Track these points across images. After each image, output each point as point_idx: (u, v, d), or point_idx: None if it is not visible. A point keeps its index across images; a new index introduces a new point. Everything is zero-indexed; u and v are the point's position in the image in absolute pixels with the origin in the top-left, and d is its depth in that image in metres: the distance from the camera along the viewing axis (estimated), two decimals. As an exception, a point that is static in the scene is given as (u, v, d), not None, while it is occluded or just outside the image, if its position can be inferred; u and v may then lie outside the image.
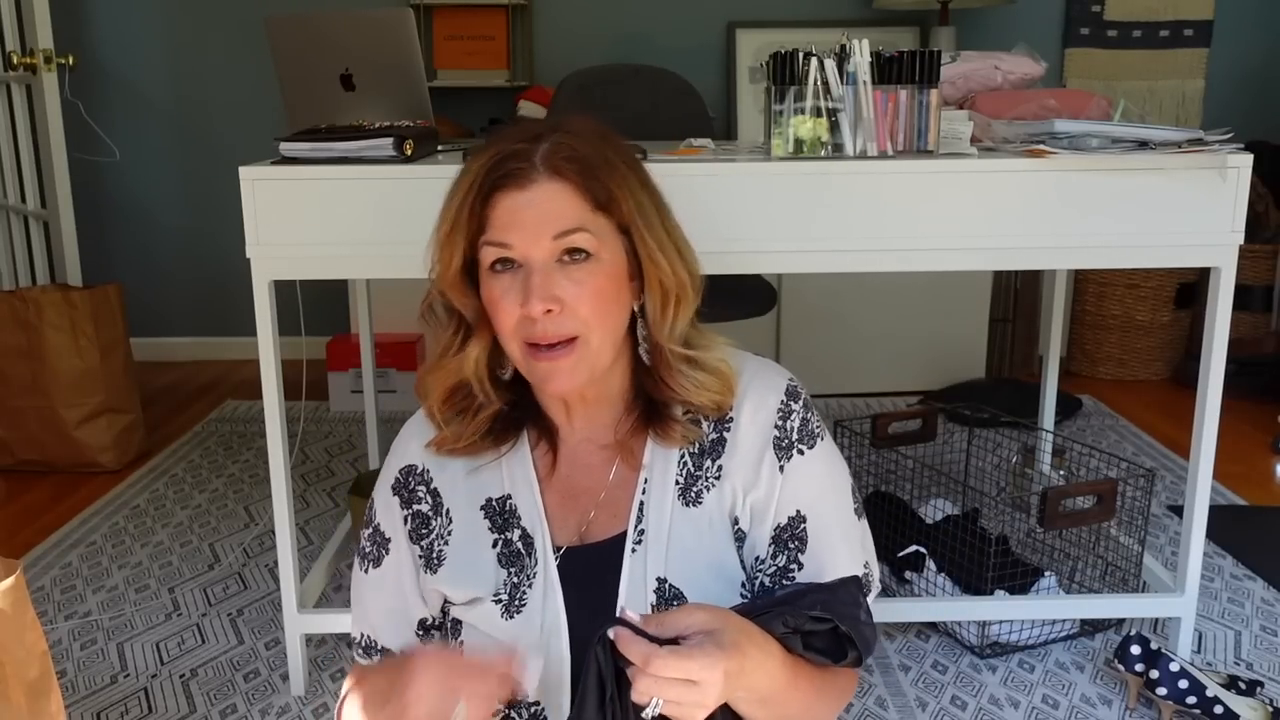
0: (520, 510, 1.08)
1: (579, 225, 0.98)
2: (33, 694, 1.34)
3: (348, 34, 1.96)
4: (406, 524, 1.12)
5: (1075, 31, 3.92)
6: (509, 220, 0.98)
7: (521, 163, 0.98)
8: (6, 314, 2.87)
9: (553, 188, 0.98)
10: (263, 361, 1.76)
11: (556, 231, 0.97)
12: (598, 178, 0.99)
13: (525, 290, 0.97)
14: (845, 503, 1.10)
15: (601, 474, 1.09)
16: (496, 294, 1.00)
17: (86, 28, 3.89)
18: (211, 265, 4.05)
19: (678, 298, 1.03)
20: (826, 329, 3.55)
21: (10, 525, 2.66)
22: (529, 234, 0.98)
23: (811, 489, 1.07)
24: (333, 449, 3.18)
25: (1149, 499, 2.18)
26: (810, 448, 1.07)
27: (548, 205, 0.98)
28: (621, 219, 1.01)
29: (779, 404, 1.07)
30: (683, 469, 1.06)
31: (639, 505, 1.06)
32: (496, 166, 0.99)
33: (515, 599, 1.04)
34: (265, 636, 2.11)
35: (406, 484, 1.12)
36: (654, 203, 1.04)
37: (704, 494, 1.06)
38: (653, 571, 1.03)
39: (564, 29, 3.89)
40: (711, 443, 1.07)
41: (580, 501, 1.09)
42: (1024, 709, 1.87)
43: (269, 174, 1.69)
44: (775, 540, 1.06)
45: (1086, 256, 1.78)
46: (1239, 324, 3.51)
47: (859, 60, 1.68)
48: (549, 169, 0.98)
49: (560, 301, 0.97)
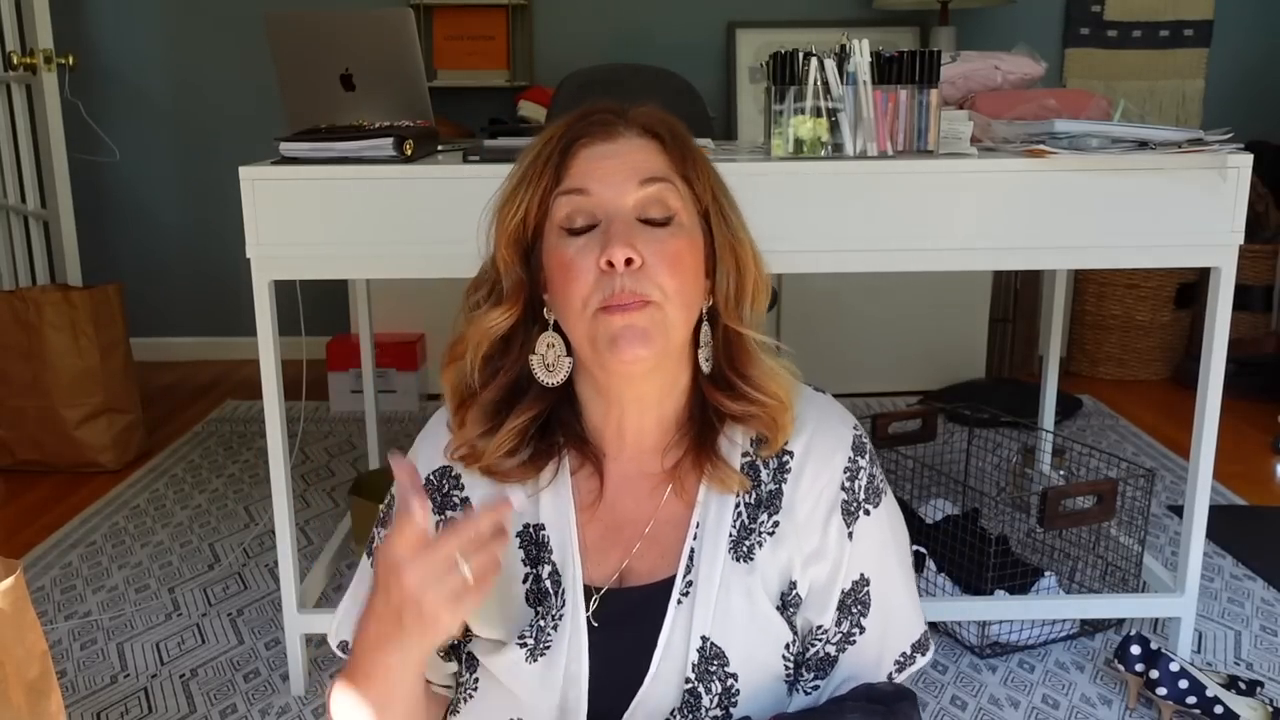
0: (553, 543, 0.97)
1: (665, 176, 0.92)
2: (33, 694, 1.34)
3: (348, 34, 1.96)
4: (437, 530, 1.03)
5: (1075, 31, 3.92)
6: (590, 168, 0.91)
7: (609, 116, 0.93)
8: (6, 314, 2.87)
9: (641, 142, 0.93)
10: (263, 361, 1.76)
11: (642, 177, 0.91)
12: (686, 144, 0.95)
13: (605, 239, 0.88)
14: (906, 559, 1.03)
15: (649, 505, 0.99)
16: (569, 253, 0.90)
17: (87, 28, 3.89)
18: (211, 265, 4.05)
19: (756, 285, 0.96)
20: (826, 329, 3.55)
21: (10, 525, 2.66)
22: (612, 182, 0.90)
23: (876, 550, 0.99)
24: (333, 449, 3.18)
25: (1149, 499, 2.18)
26: (875, 506, 0.99)
27: (634, 155, 0.92)
28: (703, 193, 0.95)
29: (845, 463, 0.98)
30: (737, 519, 0.96)
31: (690, 552, 0.96)
32: (581, 118, 0.93)
33: (540, 642, 0.94)
34: (265, 636, 2.11)
35: (440, 486, 1.01)
36: (729, 195, 0.98)
37: (755, 550, 0.96)
38: (698, 628, 0.94)
39: (564, 29, 3.89)
40: (769, 494, 0.97)
41: (624, 534, 0.98)
42: (1024, 709, 1.87)
43: (269, 174, 1.69)
44: (839, 606, 0.98)
45: (1086, 256, 1.78)
46: (1239, 324, 3.51)
47: (859, 60, 1.68)
48: (637, 125, 0.94)
49: (641, 255, 0.88)
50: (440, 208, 1.68)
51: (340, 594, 2.24)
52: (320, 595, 2.11)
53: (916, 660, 1.04)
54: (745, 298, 0.96)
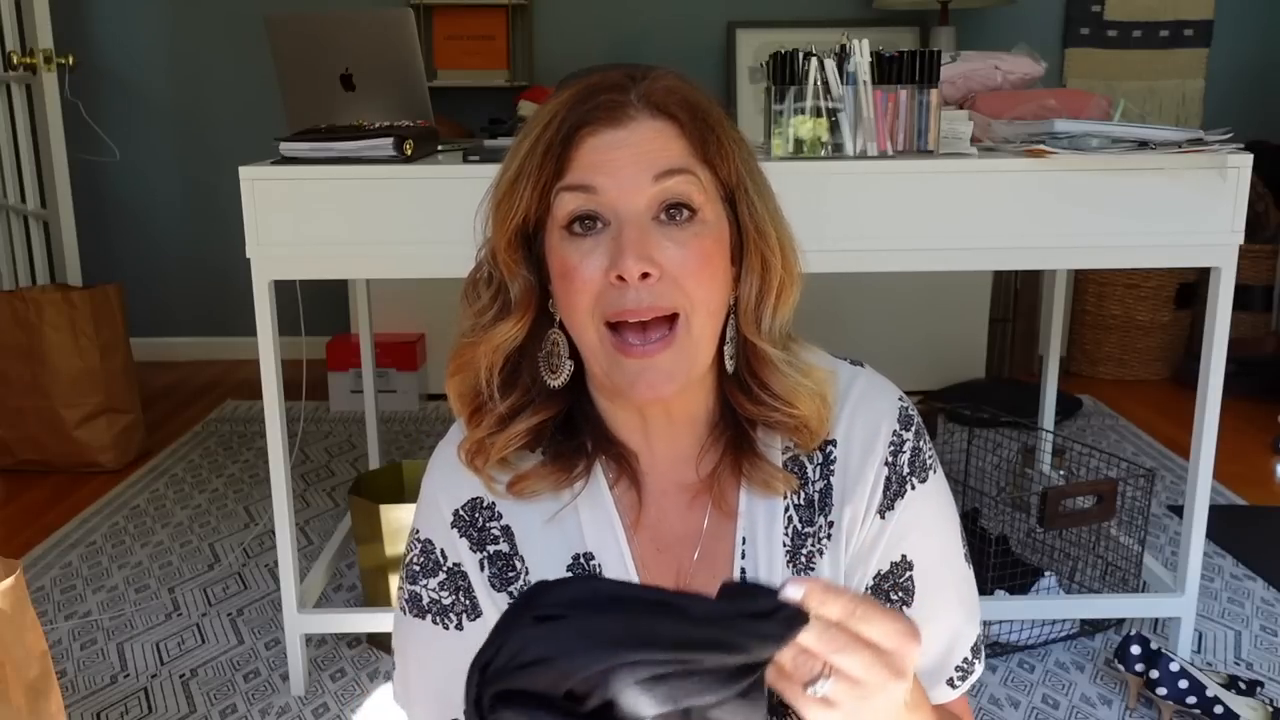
0: (606, 573, 0.86)
1: (683, 166, 0.78)
2: (33, 694, 1.34)
3: (348, 34, 1.96)
4: (484, 569, 0.88)
5: (1075, 31, 3.92)
6: (597, 160, 0.78)
7: (616, 96, 0.79)
8: (7, 314, 2.87)
9: (655, 125, 0.79)
10: (263, 361, 1.76)
11: (658, 171, 0.78)
12: (707, 122, 0.80)
13: (615, 248, 0.76)
14: (956, 547, 0.91)
15: (693, 517, 0.88)
16: (573, 259, 0.78)
17: (87, 28, 3.89)
18: (211, 265, 4.05)
19: (782, 284, 0.83)
20: (826, 329, 3.53)
21: (10, 525, 2.66)
22: (623, 176, 0.77)
23: (920, 530, 0.88)
24: (333, 449, 3.18)
25: (1149, 499, 2.18)
26: (922, 481, 0.88)
27: (647, 144, 0.78)
28: (728, 178, 0.82)
29: (890, 435, 0.87)
30: (789, 525, 0.86)
31: (741, 573, 0.86)
32: (584, 99, 0.79)
33: None
34: (265, 636, 2.11)
35: (474, 521, 0.88)
36: (760, 173, 0.84)
37: (816, 557, 0.86)
38: None
39: (564, 29, 3.89)
40: (820, 493, 0.87)
41: (674, 553, 0.88)
42: (1024, 709, 1.87)
43: (269, 174, 1.69)
44: (875, 590, 0.87)
45: (1086, 256, 1.78)
46: (1239, 324, 3.50)
47: (859, 60, 1.68)
48: (650, 105, 0.79)
49: (659, 266, 0.77)
50: (440, 208, 1.68)
51: (340, 594, 2.25)
52: (320, 595, 2.11)
53: (975, 668, 0.91)
54: (768, 301, 0.83)
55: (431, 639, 0.90)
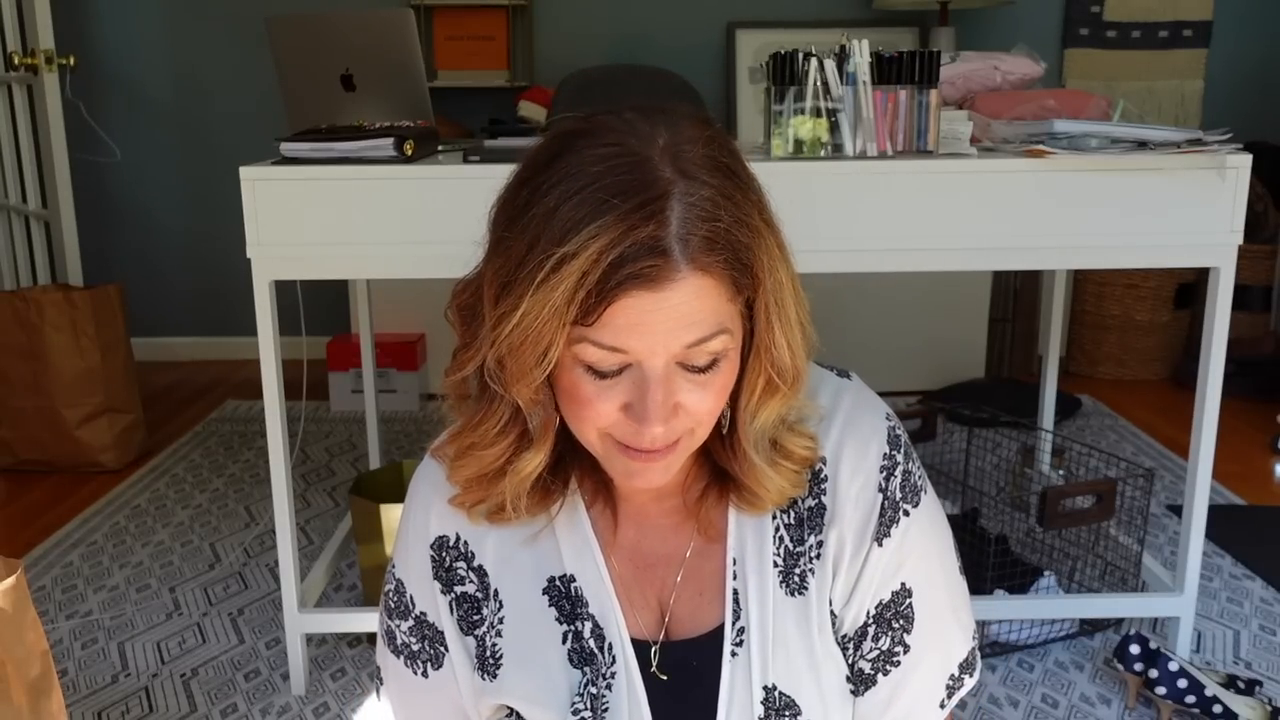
0: (587, 594, 0.87)
1: (719, 328, 0.74)
2: (34, 693, 1.34)
3: (348, 34, 1.96)
4: (453, 612, 0.90)
5: (1075, 32, 3.92)
6: (631, 323, 0.72)
7: (656, 259, 0.71)
8: (7, 314, 2.87)
9: (695, 285, 0.72)
10: (263, 361, 1.76)
11: (692, 340, 0.74)
12: (744, 260, 0.75)
13: (642, 407, 0.74)
14: (952, 565, 0.92)
15: (677, 540, 0.88)
16: (587, 391, 0.76)
17: (87, 28, 3.89)
18: (212, 265, 4.06)
19: (779, 389, 0.81)
20: (826, 329, 3.51)
21: (11, 525, 2.66)
22: (656, 338, 0.73)
23: (917, 555, 0.88)
24: (333, 449, 3.18)
25: (1148, 499, 2.19)
26: (915, 506, 0.88)
27: (685, 308, 0.73)
28: (754, 297, 0.78)
29: (881, 459, 0.87)
30: (780, 545, 0.86)
31: (733, 594, 0.86)
32: (623, 261, 0.70)
33: (598, 709, 0.85)
34: (266, 636, 2.12)
35: (442, 561, 0.89)
36: (788, 272, 0.80)
37: (808, 577, 0.86)
38: (759, 679, 0.85)
39: (564, 29, 3.89)
40: (810, 511, 0.87)
41: (655, 573, 0.88)
42: (1023, 708, 1.87)
43: (269, 174, 1.69)
44: (877, 620, 0.88)
45: (1086, 256, 1.78)
46: (1238, 324, 3.50)
47: (859, 60, 1.68)
48: (691, 261, 0.72)
49: (680, 409, 0.76)
50: (440, 208, 1.68)
51: (340, 594, 2.25)
52: (321, 595, 2.11)
53: (965, 682, 0.94)
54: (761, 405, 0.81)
55: (403, 676, 0.94)
